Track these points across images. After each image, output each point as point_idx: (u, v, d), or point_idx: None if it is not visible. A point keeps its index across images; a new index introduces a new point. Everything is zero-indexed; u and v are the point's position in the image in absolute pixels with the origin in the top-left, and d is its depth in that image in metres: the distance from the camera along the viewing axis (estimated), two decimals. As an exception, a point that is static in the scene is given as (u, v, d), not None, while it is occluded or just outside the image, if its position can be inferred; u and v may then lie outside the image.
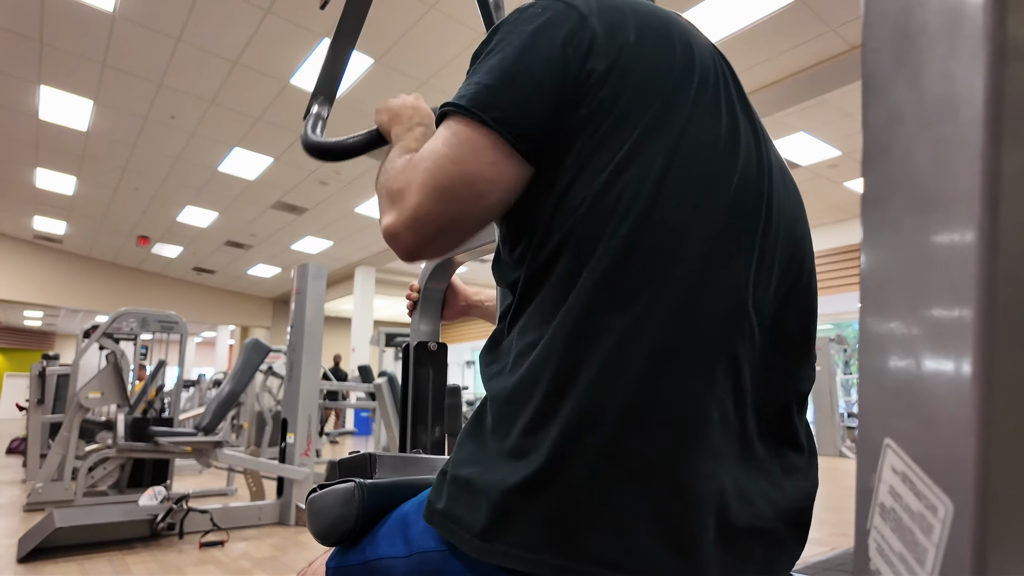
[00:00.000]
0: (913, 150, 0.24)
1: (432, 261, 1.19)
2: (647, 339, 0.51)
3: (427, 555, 0.59)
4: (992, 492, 0.19)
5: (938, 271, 0.22)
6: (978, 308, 0.20)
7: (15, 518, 3.70)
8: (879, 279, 0.25)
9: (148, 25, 4.55)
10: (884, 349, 0.25)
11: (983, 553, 0.19)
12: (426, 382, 1.17)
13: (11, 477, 5.40)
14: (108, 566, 2.77)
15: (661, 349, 0.51)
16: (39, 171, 7.50)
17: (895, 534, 0.24)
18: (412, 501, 0.67)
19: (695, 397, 0.51)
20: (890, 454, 0.24)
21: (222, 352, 16.04)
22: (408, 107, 0.77)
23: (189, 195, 8.22)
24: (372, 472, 0.80)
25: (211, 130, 6.26)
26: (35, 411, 5.12)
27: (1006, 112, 0.20)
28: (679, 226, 0.53)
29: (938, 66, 0.23)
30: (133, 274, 12.47)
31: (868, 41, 0.27)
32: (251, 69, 5.09)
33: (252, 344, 4.36)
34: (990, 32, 0.20)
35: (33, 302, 11.42)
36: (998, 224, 0.20)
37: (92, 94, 5.56)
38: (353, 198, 8.08)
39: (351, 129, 0.81)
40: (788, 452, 0.59)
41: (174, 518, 3.21)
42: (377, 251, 10.56)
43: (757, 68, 4.75)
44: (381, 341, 7.11)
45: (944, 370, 0.21)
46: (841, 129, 5.94)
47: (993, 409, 0.19)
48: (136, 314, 4.57)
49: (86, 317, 14.62)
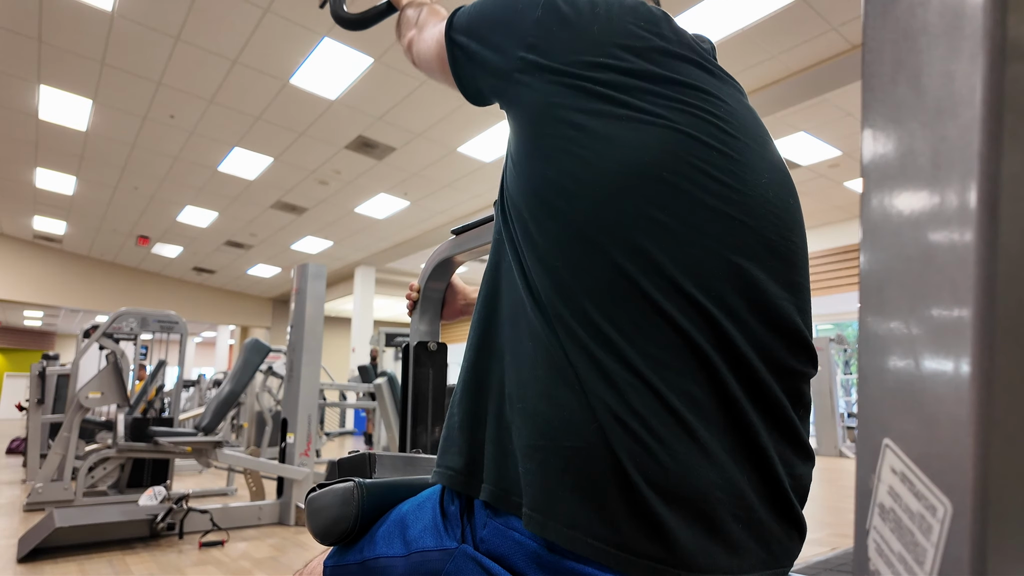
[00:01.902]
0: (913, 150, 0.24)
1: (432, 262, 1.19)
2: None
3: (426, 554, 0.59)
4: (991, 492, 0.19)
5: (937, 271, 0.22)
6: (977, 308, 0.20)
7: (15, 518, 3.70)
8: (879, 279, 0.25)
9: (147, 24, 4.55)
10: (883, 349, 0.25)
11: (982, 553, 0.19)
12: (426, 382, 1.17)
13: (11, 477, 5.40)
14: (108, 566, 2.77)
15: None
16: (39, 171, 7.50)
17: (894, 534, 0.24)
18: (411, 501, 0.66)
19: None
20: (889, 454, 0.24)
21: (222, 352, 16.04)
22: None
23: (189, 195, 8.22)
24: (372, 472, 0.80)
25: (211, 130, 6.25)
26: (35, 411, 5.12)
27: (1006, 112, 0.20)
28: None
29: (938, 66, 0.23)
30: (133, 274, 12.47)
31: (868, 41, 0.27)
32: (251, 68, 5.09)
33: (252, 344, 4.36)
34: (990, 32, 0.20)
35: (33, 302, 11.42)
36: (997, 224, 0.20)
37: (91, 93, 5.56)
38: (353, 198, 8.07)
39: (350, 129, 0.83)
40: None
41: (174, 518, 3.21)
42: (377, 251, 10.55)
43: (757, 68, 4.75)
44: (381, 341, 7.12)
45: (943, 370, 0.21)
46: (841, 129, 5.94)
47: (992, 409, 0.19)
48: (136, 314, 4.57)
49: (86, 317, 14.62)
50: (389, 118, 5.78)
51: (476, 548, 0.57)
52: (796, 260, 0.60)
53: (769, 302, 0.56)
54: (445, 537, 0.59)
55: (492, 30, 0.64)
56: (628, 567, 0.48)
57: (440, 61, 0.71)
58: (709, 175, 0.55)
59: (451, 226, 1.75)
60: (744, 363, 0.54)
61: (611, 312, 0.52)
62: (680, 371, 0.51)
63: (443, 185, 7.51)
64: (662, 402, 0.50)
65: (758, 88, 4.98)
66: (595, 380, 0.51)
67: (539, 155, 0.58)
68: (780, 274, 0.58)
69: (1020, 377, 0.19)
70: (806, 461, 0.58)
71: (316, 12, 4.36)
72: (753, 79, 4.89)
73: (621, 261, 0.53)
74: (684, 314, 0.52)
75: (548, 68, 0.59)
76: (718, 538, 0.50)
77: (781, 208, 0.60)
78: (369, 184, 7.56)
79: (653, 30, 0.60)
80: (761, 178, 0.58)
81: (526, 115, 0.60)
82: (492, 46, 0.64)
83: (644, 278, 0.52)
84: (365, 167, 6.99)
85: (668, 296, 0.52)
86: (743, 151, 0.58)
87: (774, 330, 0.56)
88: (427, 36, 0.75)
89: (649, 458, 0.49)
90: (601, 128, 0.55)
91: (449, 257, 1.17)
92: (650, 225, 0.53)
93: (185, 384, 8.21)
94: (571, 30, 0.59)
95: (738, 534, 0.51)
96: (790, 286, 0.58)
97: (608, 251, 0.53)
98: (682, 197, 0.54)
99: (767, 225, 0.57)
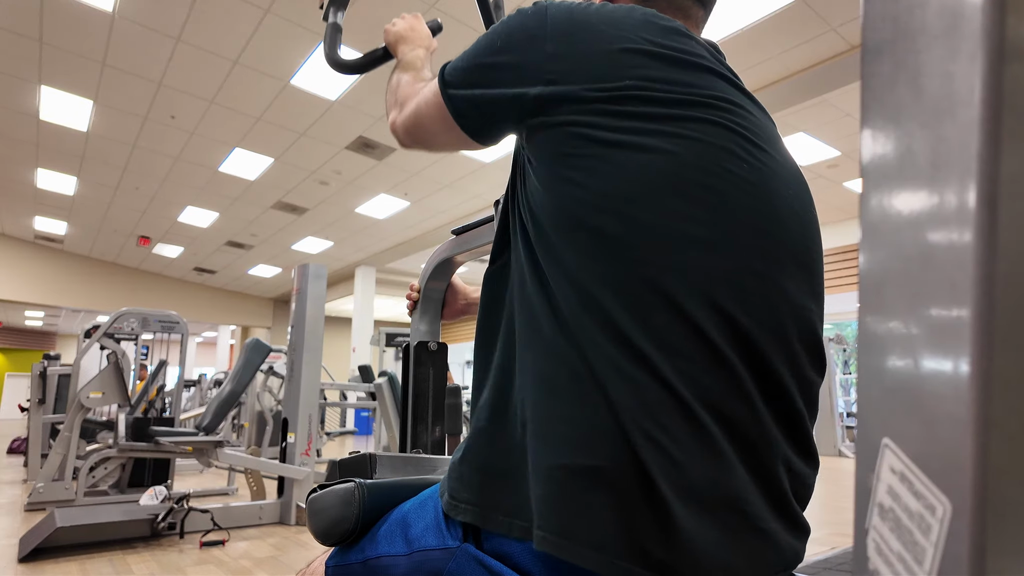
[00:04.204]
0: (912, 150, 0.24)
1: (432, 262, 1.19)
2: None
3: (428, 553, 0.59)
4: (991, 492, 0.19)
5: (937, 271, 0.22)
6: (977, 308, 0.20)
7: (16, 518, 3.70)
8: (878, 279, 0.25)
9: (148, 25, 4.55)
10: (883, 349, 0.25)
11: (982, 553, 0.19)
12: (426, 382, 1.17)
13: (12, 477, 5.40)
14: (109, 566, 2.77)
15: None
16: (40, 171, 7.50)
17: (894, 534, 0.24)
18: (412, 500, 0.67)
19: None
20: (888, 454, 0.24)
21: (223, 352, 16.04)
22: (410, 31, 0.93)
23: (190, 195, 8.22)
24: (372, 472, 0.80)
25: (211, 130, 6.25)
26: (36, 411, 5.12)
27: (1005, 112, 0.20)
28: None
29: (938, 66, 0.23)
30: (134, 274, 12.47)
31: (867, 41, 0.27)
32: (251, 69, 5.09)
33: (253, 344, 4.36)
34: (989, 33, 0.20)
35: (34, 302, 11.42)
36: (997, 224, 0.20)
37: (92, 94, 5.56)
38: (353, 198, 8.08)
39: (351, 129, 0.84)
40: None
41: (175, 518, 3.22)
42: (377, 251, 10.56)
43: (757, 68, 4.74)
44: (381, 341, 7.11)
45: (943, 370, 0.21)
46: (841, 129, 5.94)
47: (992, 409, 0.19)
48: (137, 314, 4.57)
49: (87, 317, 14.62)
50: (389, 118, 5.77)
51: (479, 547, 0.57)
52: (817, 269, 0.60)
53: (796, 313, 0.56)
54: (447, 536, 0.59)
55: (500, 73, 0.61)
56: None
57: (443, 122, 0.67)
58: (738, 186, 0.54)
59: (451, 226, 1.75)
60: (772, 377, 0.54)
61: (642, 325, 0.51)
62: (709, 385, 0.51)
63: (443, 185, 7.51)
64: (691, 417, 0.50)
65: (758, 88, 4.97)
66: (624, 395, 0.50)
67: (566, 174, 0.56)
68: (804, 284, 0.58)
69: (1020, 377, 0.19)
70: (813, 468, 0.59)
71: (316, 13, 4.36)
72: (753, 79, 4.89)
73: (653, 274, 0.52)
74: (715, 326, 0.51)
75: (571, 98, 0.56)
76: (740, 552, 0.50)
77: (806, 219, 0.60)
78: (369, 184, 7.56)
79: (670, 44, 0.58)
80: (788, 189, 0.58)
81: (552, 142, 0.58)
82: (503, 90, 0.60)
83: (675, 290, 0.51)
84: (365, 167, 6.99)
85: (699, 308, 0.51)
86: (768, 161, 0.57)
87: (799, 341, 0.56)
88: (420, 102, 0.70)
89: (679, 474, 0.49)
90: (629, 144, 0.54)
91: (449, 257, 1.17)
92: (682, 238, 0.52)
93: (186, 384, 8.21)
94: (589, 56, 0.57)
95: (756, 545, 0.51)
96: (813, 296, 0.58)
97: (640, 265, 0.52)
98: (712, 209, 0.53)
99: (793, 235, 0.57)
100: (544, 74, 0.58)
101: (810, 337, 0.57)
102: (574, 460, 0.50)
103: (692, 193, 0.53)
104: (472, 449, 0.60)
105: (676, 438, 0.49)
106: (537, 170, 0.59)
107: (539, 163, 0.59)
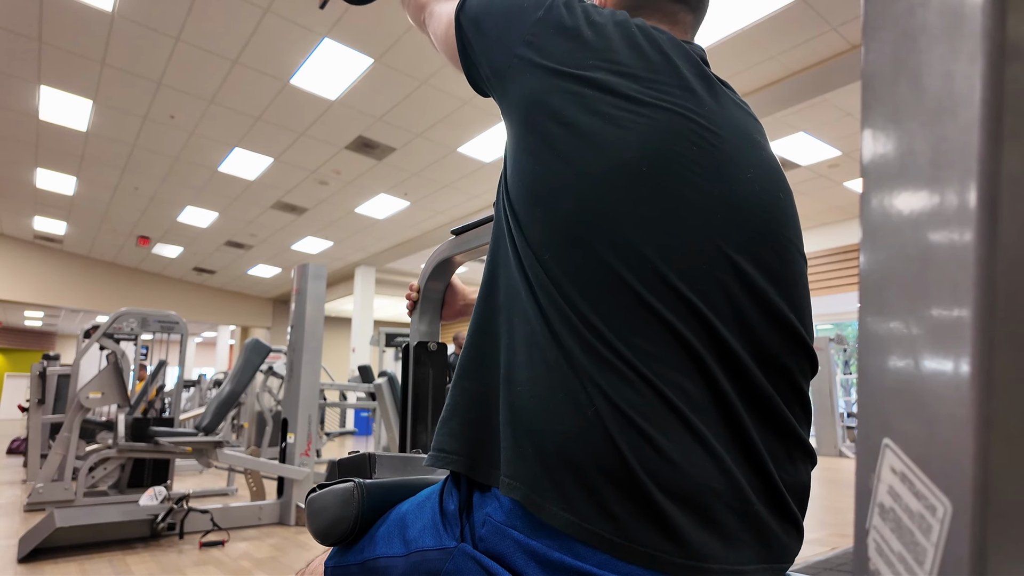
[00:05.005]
0: (913, 150, 0.24)
1: (431, 262, 1.19)
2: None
3: (425, 554, 0.59)
4: (991, 492, 0.19)
5: (937, 271, 0.22)
6: (977, 308, 0.20)
7: (15, 518, 3.70)
8: (878, 279, 0.25)
9: (147, 24, 4.55)
10: (883, 349, 0.25)
11: (982, 553, 0.19)
12: (426, 382, 1.17)
13: (11, 477, 5.40)
14: (108, 566, 2.77)
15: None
16: (39, 171, 7.50)
17: (894, 534, 0.24)
18: (410, 500, 0.67)
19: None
20: (889, 454, 0.24)
21: (222, 352, 16.04)
22: None
23: (189, 195, 8.22)
24: (372, 472, 0.80)
25: (211, 130, 6.25)
26: (35, 411, 5.12)
27: (1005, 112, 0.20)
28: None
29: (938, 66, 0.23)
30: (133, 274, 12.47)
31: (868, 41, 0.27)
32: (251, 69, 5.09)
33: (252, 344, 4.36)
34: (989, 32, 0.20)
35: (33, 302, 11.42)
36: (997, 224, 0.20)
37: (91, 94, 5.56)
38: (353, 198, 8.08)
39: (350, 129, 0.83)
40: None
41: (174, 518, 3.22)
42: (377, 251, 10.56)
43: (757, 68, 4.75)
44: (381, 341, 7.12)
45: (943, 370, 0.21)
46: (841, 129, 5.94)
47: (992, 409, 0.19)
48: (136, 314, 4.57)
49: (86, 317, 14.63)
50: (389, 118, 5.78)
51: (475, 547, 0.57)
52: (788, 255, 0.61)
53: (758, 296, 0.56)
54: (444, 536, 0.59)
55: (496, 22, 0.65)
56: (625, 554, 0.48)
57: (448, 43, 0.72)
58: (690, 169, 0.56)
59: (451, 226, 1.75)
60: (732, 357, 0.54)
61: (599, 305, 0.53)
62: (670, 364, 0.52)
63: (443, 185, 7.51)
64: (655, 391, 0.51)
65: (758, 88, 4.98)
66: (590, 366, 0.52)
67: (528, 150, 0.60)
68: (770, 268, 0.58)
69: (1020, 377, 0.19)
70: (804, 460, 0.58)
71: (316, 12, 4.36)
72: (753, 79, 4.89)
73: (606, 255, 0.54)
74: (670, 307, 0.53)
75: (541, 66, 0.60)
76: (714, 528, 0.50)
77: (770, 203, 0.60)
78: (369, 184, 7.56)
79: (646, 44, 0.61)
80: (746, 173, 0.59)
81: (517, 110, 0.62)
82: (494, 37, 0.65)
83: (629, 272, 0.53)
84: (365, 167, 6.99)
85: (653, 289, 0.53)
86: (724, 146, 0.59)
87: (764, 324, 0.57)
88: (441, 12, 0.75)
89: (644, 443, 0.50)
90: (585, 125, 0.57)
91: (449, 257, 1.17)
92: (633, 219, 0.54)
93: (185, 384, 8.20)
94: (568, 38, 0.61)
95: (733, 526, 0.51)
96: (781, 281, 0.59)
97: (593, 245, 0.54)
98: (663, 191, 0.55)
99: (754, 219, 0.58)
100: (527, 35, 0.63)
101: (779, 321, 0.57)
102: (548, 424, 0.53)
103: (639, 175, 0.55)
104: (461, 405, 0.62)
105: (640, 410, 0.50)
106: (509, 145, 0.64)
107: (509, 136, 0.64)
